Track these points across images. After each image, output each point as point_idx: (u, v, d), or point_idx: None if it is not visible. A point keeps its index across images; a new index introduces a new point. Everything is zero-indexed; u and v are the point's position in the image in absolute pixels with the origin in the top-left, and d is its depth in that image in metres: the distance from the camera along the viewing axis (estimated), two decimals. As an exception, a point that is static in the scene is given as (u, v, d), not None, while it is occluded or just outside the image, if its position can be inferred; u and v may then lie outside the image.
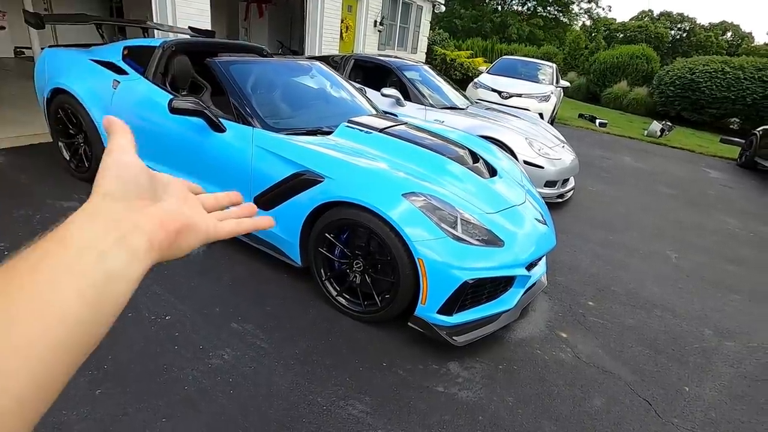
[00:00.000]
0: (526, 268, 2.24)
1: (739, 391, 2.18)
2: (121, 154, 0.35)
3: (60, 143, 3.44)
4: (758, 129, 8.51)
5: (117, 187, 0.33)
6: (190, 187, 0.42)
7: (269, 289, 2.44)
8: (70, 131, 3.34)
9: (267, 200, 2.40)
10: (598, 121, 11.21)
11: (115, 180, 0.33)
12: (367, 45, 10.41)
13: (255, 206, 0.46)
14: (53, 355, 0.26)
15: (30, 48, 7.21)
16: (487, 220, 2.17)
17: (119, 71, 3.07)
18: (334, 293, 2.31)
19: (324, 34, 8.31)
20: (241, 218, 0.43)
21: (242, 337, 2.05)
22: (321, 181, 2.18)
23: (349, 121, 2.70)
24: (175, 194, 0.38)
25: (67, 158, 3.43)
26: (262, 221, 0.45)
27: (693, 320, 2.76)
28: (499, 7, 33.68)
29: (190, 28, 4.59)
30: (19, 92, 5.85)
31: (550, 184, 4.24)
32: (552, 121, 8.42)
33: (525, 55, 17.36)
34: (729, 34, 36.81)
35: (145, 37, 4.02)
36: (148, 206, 0.34)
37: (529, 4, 33.63)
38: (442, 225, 2.00)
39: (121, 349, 1.88)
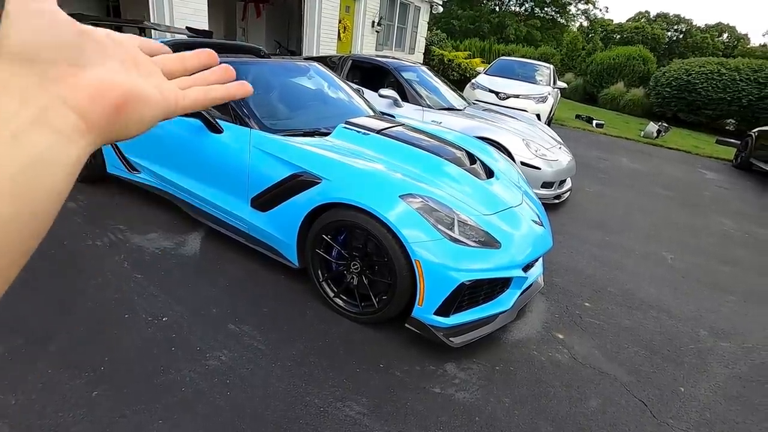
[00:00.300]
0: (523, 269, 2.25)
1: (733, 392, 2.19)
2: (30, 1, 0.24)
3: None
4: (754, 130, 8.56)
5: (29, 46, 0.24)
6: (144, 46, 0.33)
7: (266, 291, 2.44)
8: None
9: (264, 201, 2.40)
10: (595, 122, 11.24)
11: (26, 35, 0.24)
12: (365, 45, 10.41)
13: (232, 69, 0.37)
14: None
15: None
16: (483, 222, 2.18)
17: (116, 72, 3.05)
18: (331, 294, 2.31)
19: (322, 34, 8.30)
20: (211, 85, 0.35)
21: (239, 339, 2.04)
22: (318, 183, 2.18)
23: (347, 123, 2.70)
24: (117, 56, 0.29)
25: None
26: (237, 89, 0.36)
27: (688, 321, 2.78)
28: (497, 8, 33.76)
29: (187, 28, 4.58)
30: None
31: (547, 185, 4.25)
32: (549, 122, 8.45)
33: (522, 56, 17.42)
34: (725, 35, 37.01)
35: (142, 36, 4.01)
36: (75, 72, 0.26)
37: (527, 5, 33.71)
38: (439, 226, 2.00)
39: (117, 350, 1.88)
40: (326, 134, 2.63)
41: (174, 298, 2.26)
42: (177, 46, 3.05)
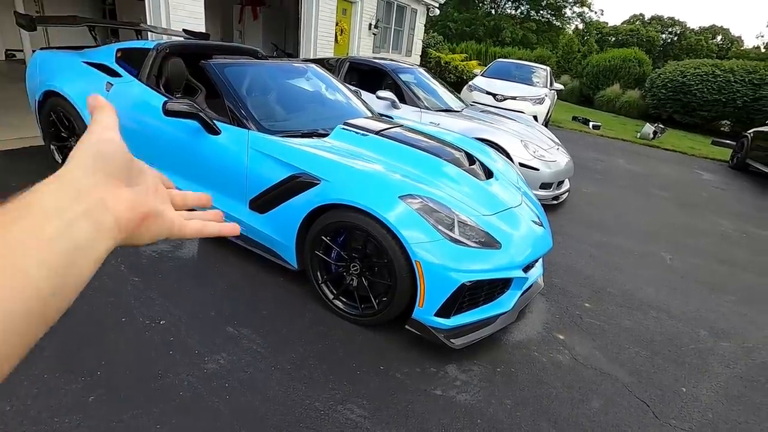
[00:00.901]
0: (523, 269, 2.24)
1: (735, 392, 2.19)
2: (104, 131, 0.34)
3: (52, 146, 3.40)
4: (749, 131, 8.61)
5: (93, 162, 0.32)
6: (162, 179, 0.42)
7: (265, 293, 2.42)
8: (62, 134, 3.30)
9: (263, 203, 2.38)
10: (591, 123, 11.29)
11: (92, 154, 0.33)
12: (362, 48, 10.42)
13: (221, 213, 0.46)
14: (10, 324, 0.25)
15: (21, 50, 7.16)
16: (483, 222, 2.17)
17: (112, 73, 3.04)
18: (331, 296, 2.29)
19: (319, 36, 8.30)
20: (207, 221, 0.43)
21: (238, 342, 2.02)
22: (317, 184, 2.17)
23: (345, 124, 2.69)
24: (148, 182, 0.38)
25: (59, 161, 3.39)
26: (227, 227, 0.45)
27: (688, 321, 2.77)
28: (493, 11, 33.90)
29: (184, 30, 4.56)
30: (10, 95, 5.79)
31: (545, 186, 4.25)
32: (546, 124, 8.47)
33: (519, 59, 17.48)
34: (719, 37, 37.32)
35: (138, 39, 3.99)
36: (120, 187, 0.34)
37: (522, 8, 33.87)
38: (439, 227, 1.99)
39: (114, 354, 1.85)
40: (324, 135, 2.62)
41: (171, 302, 2.23)
42: (174, 48, 3.04)
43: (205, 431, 1.57)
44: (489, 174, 2.71)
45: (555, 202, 4.47)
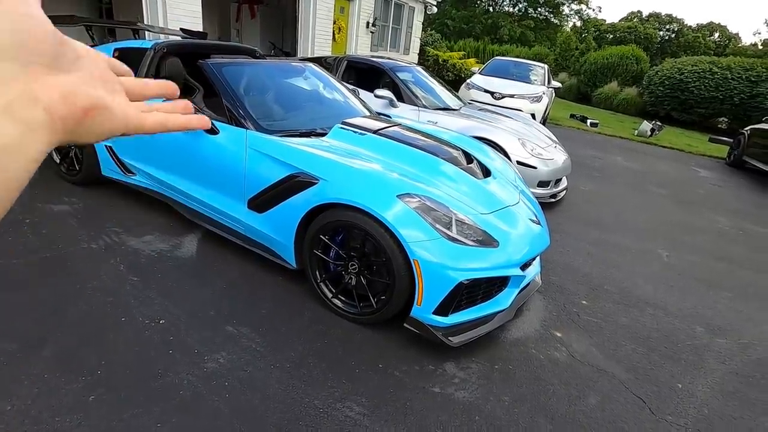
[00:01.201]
0: (521, 268, 2.25)
1: (730, 388, 2.21)
2: (19, 3, 0.26)
3: (50, 146, 3.39)
4: (746, 128, 8.64)
5: (9, 44, 0.25)
6: (113, 65, 0.35)
7: (264, 292, 2.43)
8: (60, 134, 3.30)
9: (261, 202, 2.39)
10: (589, 121, 11.31)
11: (8, 34, 0.25)
12: (360, 46, 10.41)
13: (191, 104, 0.41)
14: None
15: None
16: (481, 221, 2.18)
17: (110, 73, 3.03)
18: (330, 295, 2.31)
19: (316, 35, 8.30)
20: (171, 114, 0.38)
21: (237, 341, 2.03)
22: (315, 183, 2.18)
23: (343, 123, 2.70)
24: (89, 69, 0.31)
25: (57, 161, 3.39)
26: (195, 119, 0.39)
27: (685, 318, 2.79)
28: (491, 9, 33.87)
29: (181, 29, 4.56)
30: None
31: (543, 184, 4.26)
32: (544, 122, 8.48)
33: (516, 56, 17.48)
34: (716, 34, 37.33)
35: (135, 38, 3.99)
36: (49, 74, 0.28)
37: (520, 6, 33.84)
38: (437, 226, 2.00)
39: (114, 354, 1.86)
40: (323, 135, 2.62)
41: (171, 301, 2.24)
42: (172, 48, 3.03)
43: (205, 430, 1.59)
44: (486, 172, 2.72)
45: (553, 200, 4.49)
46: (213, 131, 2.51)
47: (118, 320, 2.06)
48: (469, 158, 2.77)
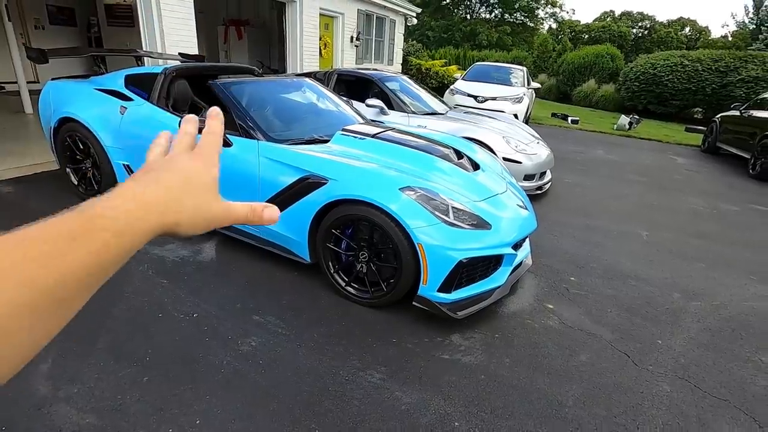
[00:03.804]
0: (513, 248, 2.53)
1: (704, 341, 2.49)
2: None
3: (68, 169, 3.62)
4: (717, 116, 9.10)
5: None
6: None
7: (282, 286, 2.67)
8: (78, 157, 3.53)
9: (276, 204, 2.63)
10: (570, 118, 11.75)
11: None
12: (346, 60, 10.77)
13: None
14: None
15: (12, 82, 7.32)
16: (475, 207, 2.46)
17: (124, 98, 3.29)
18: (343, 284, 2.55)
19: (304, 52, 8.62)
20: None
21: (265, 327, 2.27)
22: (325, 183, 2.44)
23: (344, 130, 2.97)
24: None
25: (76, 183, 3.61)
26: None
27: (663, 286, 3.08)
28: (468, 16, 34.73)
29: (180, 54, 4.83)
30: (8, 126, 5.96)
31: (528, 177, 4.57)
32: (527, 121, 8.87)
33: (496, 61, 18.03)
34: (687, 29, 38.59)
35: (137, 65, 4.25)
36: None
37: (496, 12, 34.76)
38: (437, 213, 2.27)
39: (158, 344, 2.09)
40: (326, 141, 2.89)
41: (200, 298, 2.47)
42: (180, 71, 3.30)
43: (248, 398, 1.82)
44: (476, 166, 3.00)
45: (539, 191, 4.80)
46: (226, 143, 2.77)
47: (155, 317, 2.29)
48: (460, 155, 3.06)
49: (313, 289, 2.67)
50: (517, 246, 2.61)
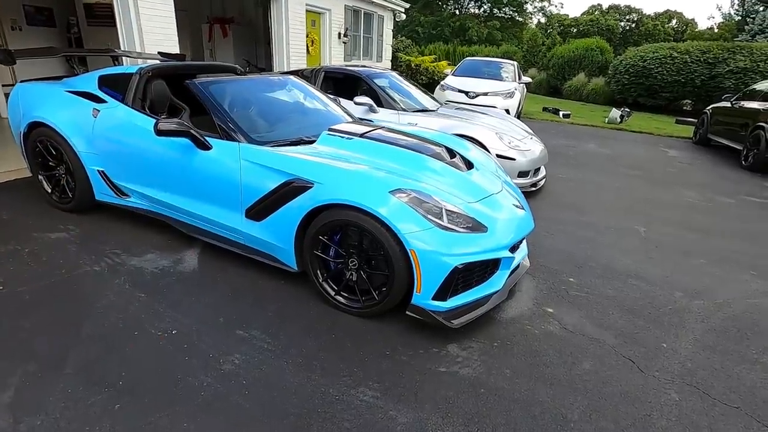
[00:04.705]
0: (510, 250, 2.41)
1: (710, 342, 2.39)
2: None
3: (40, 176, 3.43)
4: (708, 108, 9.08)
5: None
6: None
7: (268, 296, 2.53)
8: (50, 163, 3.35)
9: (259, 211, 2.49)
10: (561, 113, 11.69)
11: None
12: (334, 57, 10.58)
13: None
14: None
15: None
16: (469, 209, 2.33)
17: (97, 100, 3.11)
18: (333, 293, 2.42)
19: (291, 49, 8.43)
20: None
21: (249, 342, 2.13)
22: (310, 187, 2.30)
23: (330, 129, 2.83)
24: None
25: (49, 191, 3.43)
26: None
27: (664, 285, 2.99)
28: (457, 12, 34.59)
29: (159, 53, 4.64)
30: (-16, 131, 5.72)
31: (522, 174, 4.46)
32: (518, 116, 8.76)
33: (486, 56, 17.93)
34: (674, 21, 38.84)
35: (115, 65, 4.06)
36: None
37: (485, 7, 34.67)
38: (429, 216, 2.14)
39: (132, 366, 1.93)
40: (311, 142, 2.75)
41: (180, 312, 2.32)
42: (156, 71, 3.12)
43: (230, 424, 1.68)
44: (469, 165, 2.88)
45: (533, 188, 4.69)
46: (206, 146, 2.61)
47: (131, 335, 2.13)
48: (452, 153, 2.92)
49: (300, 298, 2.52)
50: (514, 248, 2.49)
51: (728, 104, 8.23)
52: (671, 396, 1.98)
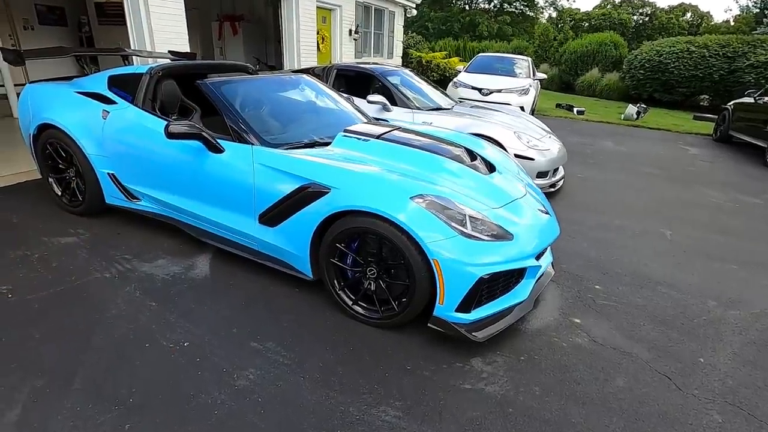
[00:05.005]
0: (535, 258, 2.28)
1: (750, 357, 2.25)
2: None
3: (50, 179, 3.38)
4: (730, 104, 8.79)
5: None
6: None
7: (282, 305, 2.44)
8: (60, 166, 3.29)
9: (273, 216, 2.40)
10: (575, 109, 11.45)
11: None
12: (344, 54, 10.46)
13: None
14: None
15: (1, 86, 7.07)
16: (494, 215, 2.21)
17: (107, 101, 3.03)
18: (350, 302, 2.32)
19: (301, 47, 8.33)
20: None
21: (264, 356, 2.03)
22: (327, 193, 2.19)
23: (346, 131, 2.72)
24: None
25: (59, 194, 3.37)
26: None
27: (696, 293, 2.84)
28: (467, 7, 34.21)
29: (170, 51, 4.57)
30: (-4, 131, 5.73)
31: (541, 174, 4.32)
32: (532, 113, 8.58)
33: (497, 51, 17.68)
34: (689, 14, 37.99)
35: (125, 65, 3.99)
36: None
37: (495, 1, 34.23)
38: (452, 224, 2.02)
39: (143, 381, 1.85)
40: (326, 144, 2.64)
41: (192, 322, 2.24)
42: (167, 71, 3.04)
43: (245, 447, 1.59)
44: (491, 168, 2.75)
45: (552, 189, 4.54)
46: (218, 149, 2.52)
47: (142, 347, 2.05)
48: (473, 155, 2.80)
49: (315, 307, 2.43)
50: (539, 256, 2.36)
51: (751, 100, 7.96)
52: (713, 417, 1.85)
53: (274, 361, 2.01)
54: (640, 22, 36.51)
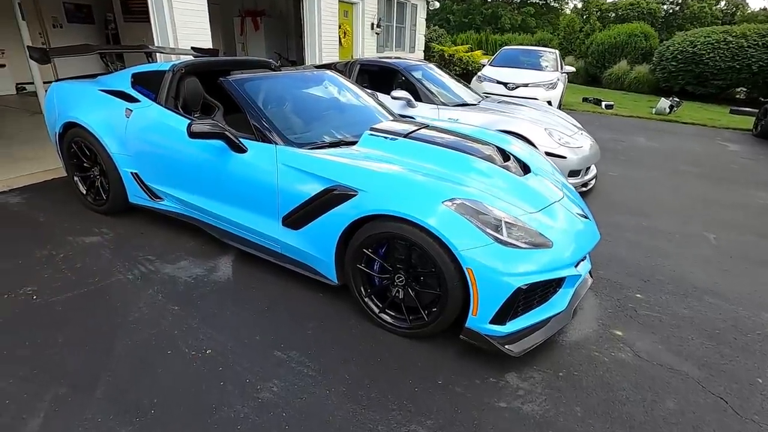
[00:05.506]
0: (574, 265, 2.13)
1: (815, 378, 2.05)
2: None
3: (75, 177, 3.38)
4: (772, 97, 8.30)
5: None
6: None
7: (307, 311, 2.35)
8: (85, 164, 3.28)
9: (297, 219, 2.31)
10: (604, 103, 11.04)
11: None
12: (366, 48, 10.33)
13: None
14: None
15: (31, 83, 7.23)
16: (531, 221, 2.06)
17: (130, 99, 3.00)
18: (377, 310, 2.21)
19: (323, 41, 8.23)
20: None
21: (288, 366, 1.95)
22: (354, 195, 2.09)
23: (372, 129, 2.61)
24: None
25: (84, 192, 3.37)
26: None
27: (747, 304, 2.63)
28: (489, -1, 33.52)
29: (192, 48, 4.53)
30: (25, 129, 5.84)
31: (573, 173, 4.11)
32: (559, 108, 8.28)
33: (520, 44, 17.23)
34: (722, 3, 36.27)
35: (149, 61, 3.96)
36: None
37: (518, -7, 33.43)
38: (487, 230, 1.89)
39: (165, 390, 1.79)
40: (353, 143, 2.54)
41: (214, 328, 2.17)
42: (189, 68, 2.98)
43: (270, 466, 1.51)
44: (526, 169, 2.60)
45: (585, 188, 4.34)
46: (241, 149, 2.44)
47: (164, 353, 2.00)
48: (505, 155, 2.65)
49: (341, 314, 2.33)
50: (578, 262, 2.20)
51: (797, 93, 7.48)
52: (779, 447, 1.68)
53: (299, 372, 1.92)
54: (670, 11, 35.05)
